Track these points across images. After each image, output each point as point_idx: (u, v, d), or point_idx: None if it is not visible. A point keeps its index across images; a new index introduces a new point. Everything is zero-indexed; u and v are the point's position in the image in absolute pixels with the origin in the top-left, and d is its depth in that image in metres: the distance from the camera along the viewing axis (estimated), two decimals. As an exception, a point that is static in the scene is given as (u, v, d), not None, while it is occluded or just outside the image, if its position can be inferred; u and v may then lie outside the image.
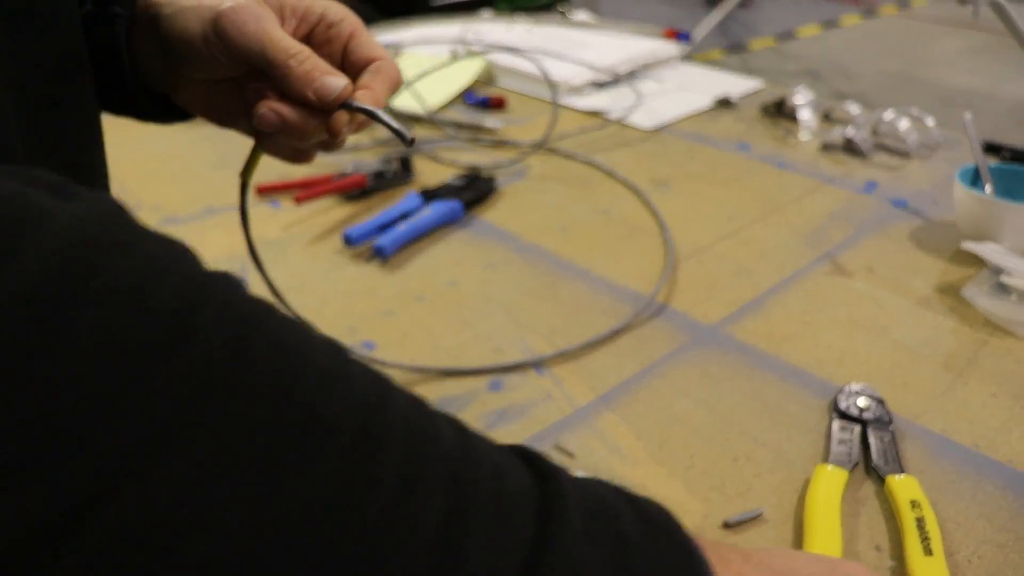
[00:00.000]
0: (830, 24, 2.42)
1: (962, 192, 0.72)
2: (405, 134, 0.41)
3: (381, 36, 1.38)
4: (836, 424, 0.52)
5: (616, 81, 1.18)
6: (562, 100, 1.10)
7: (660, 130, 1.03)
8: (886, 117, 0.96)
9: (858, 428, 0.52)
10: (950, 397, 0.56)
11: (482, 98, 1.12)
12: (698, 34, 1.46)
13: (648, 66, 1.24)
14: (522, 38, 1.32)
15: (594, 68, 1.17)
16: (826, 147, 0.96)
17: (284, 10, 0.44)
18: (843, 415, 0.53)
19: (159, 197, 0.85)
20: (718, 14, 2.23)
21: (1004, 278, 0.64)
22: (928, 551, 0.42)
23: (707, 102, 1.11)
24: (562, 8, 1.56)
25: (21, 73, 0.32)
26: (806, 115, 1.04)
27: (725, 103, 1.11)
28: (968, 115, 0.78)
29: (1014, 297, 0.64)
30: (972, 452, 0.51)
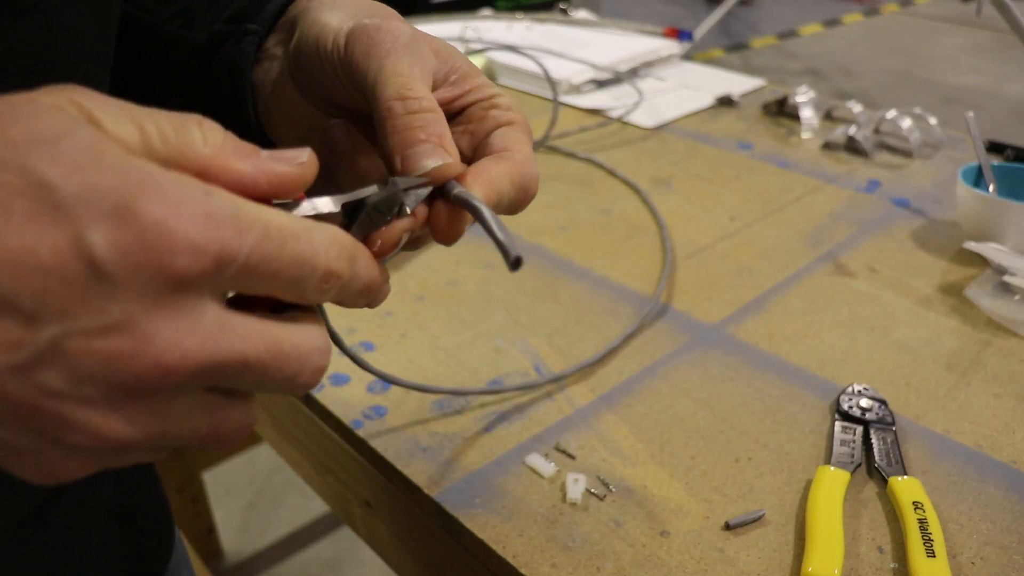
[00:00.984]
0: (832, 22, 2.42)
1: (965, 191, 0.72)
2: (510, 251, 0.28)
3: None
4: (838, 425, 0.52)
5: (617, 79, 1.18)
6: (562, 98, 1.10)
7: (661, 129, 1.03)
8: (888, 116, 0.96)
9: (860, 429, 0.51)
10: (953, 398, 0.55)
11: (482, 97, 1.12)
12: (699, 32, 1.46)
13: (649, 64, 1.24)
14: (522, 36, 1.32)
15: (595, 66, 1.17)
16: (828, 146, 0.96)
17: (450, 74, 0.34)
18: (845, 416, 0.52)
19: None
20: (719, 12, 2.22)
21: (1007, 278, 0.64)
22: (931, 553, 0.42)
23: (708, 101, 1.11)
24: (563, 6, 1.55)
25: None
26: (808, 114, 1.03)
27: (726, 102, 1.10)
28: (971, 114, 0.77)
29: (1017, 297, 0.64)
30: (975, 453, 0.50)
